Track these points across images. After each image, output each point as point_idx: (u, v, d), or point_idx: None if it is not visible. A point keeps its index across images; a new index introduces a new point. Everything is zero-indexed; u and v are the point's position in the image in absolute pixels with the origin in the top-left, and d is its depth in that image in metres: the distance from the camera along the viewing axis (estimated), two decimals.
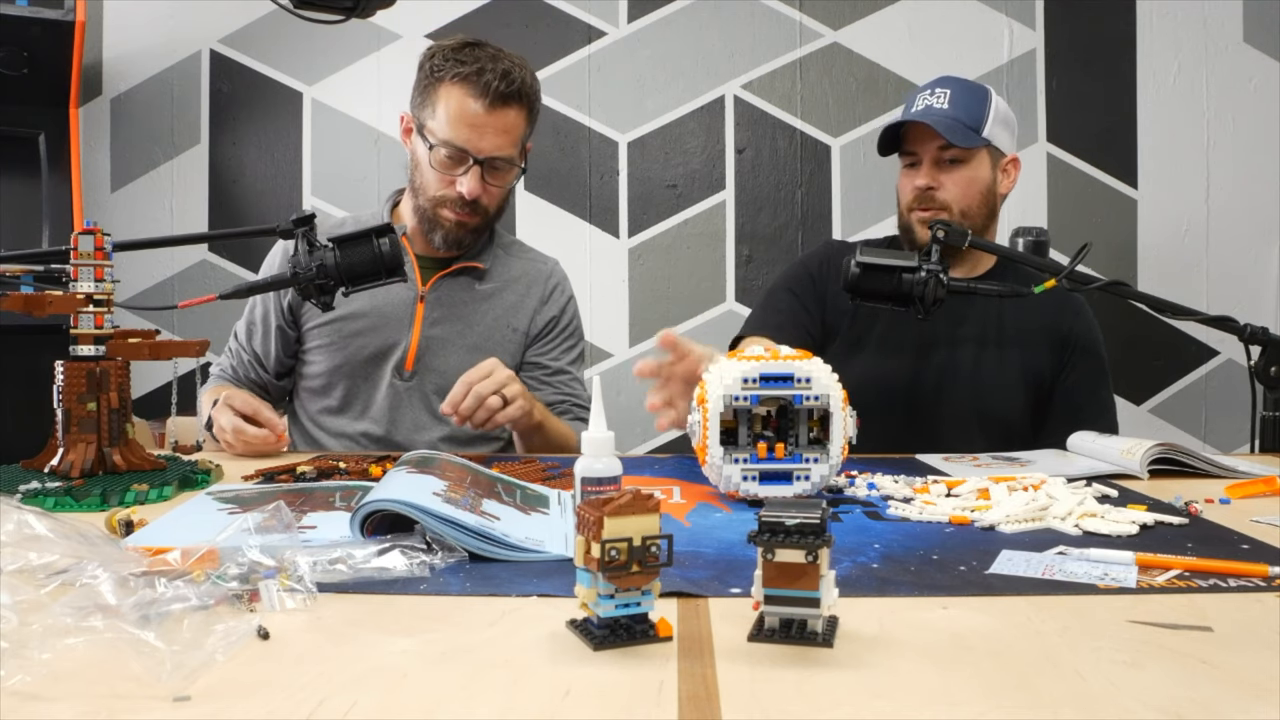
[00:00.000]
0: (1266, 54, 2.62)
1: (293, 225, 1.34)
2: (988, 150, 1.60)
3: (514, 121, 1.56)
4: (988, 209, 1.62)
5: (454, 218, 1.58)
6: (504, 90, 1.52)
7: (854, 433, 1.06)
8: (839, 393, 1.03)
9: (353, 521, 0.82)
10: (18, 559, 0.68)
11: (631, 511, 0.58)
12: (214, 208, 2.73)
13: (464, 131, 1.52)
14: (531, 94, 1.59)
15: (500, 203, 1.63)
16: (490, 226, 1.67)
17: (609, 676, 0.56)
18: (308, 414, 1.66)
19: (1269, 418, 1.49)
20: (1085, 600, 0.70)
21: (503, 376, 1.43)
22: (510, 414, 1.42)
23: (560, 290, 1.74)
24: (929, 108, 1.58)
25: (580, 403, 1.68)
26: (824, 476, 1.04)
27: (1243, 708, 0.52)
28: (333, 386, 1.62)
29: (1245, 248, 2.64)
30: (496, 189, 1.59)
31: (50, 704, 0.51)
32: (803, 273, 1.73)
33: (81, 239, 1.13)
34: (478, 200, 1.56)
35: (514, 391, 1.43)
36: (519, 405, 1.44)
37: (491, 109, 1.52)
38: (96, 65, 2.69)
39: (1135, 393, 2.65)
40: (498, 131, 1.53)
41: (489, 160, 1.54)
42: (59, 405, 1.11)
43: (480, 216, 1.60)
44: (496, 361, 1.45)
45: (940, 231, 1.45)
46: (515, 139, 1.57)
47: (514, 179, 1.63)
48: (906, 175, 1.63)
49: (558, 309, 1.72)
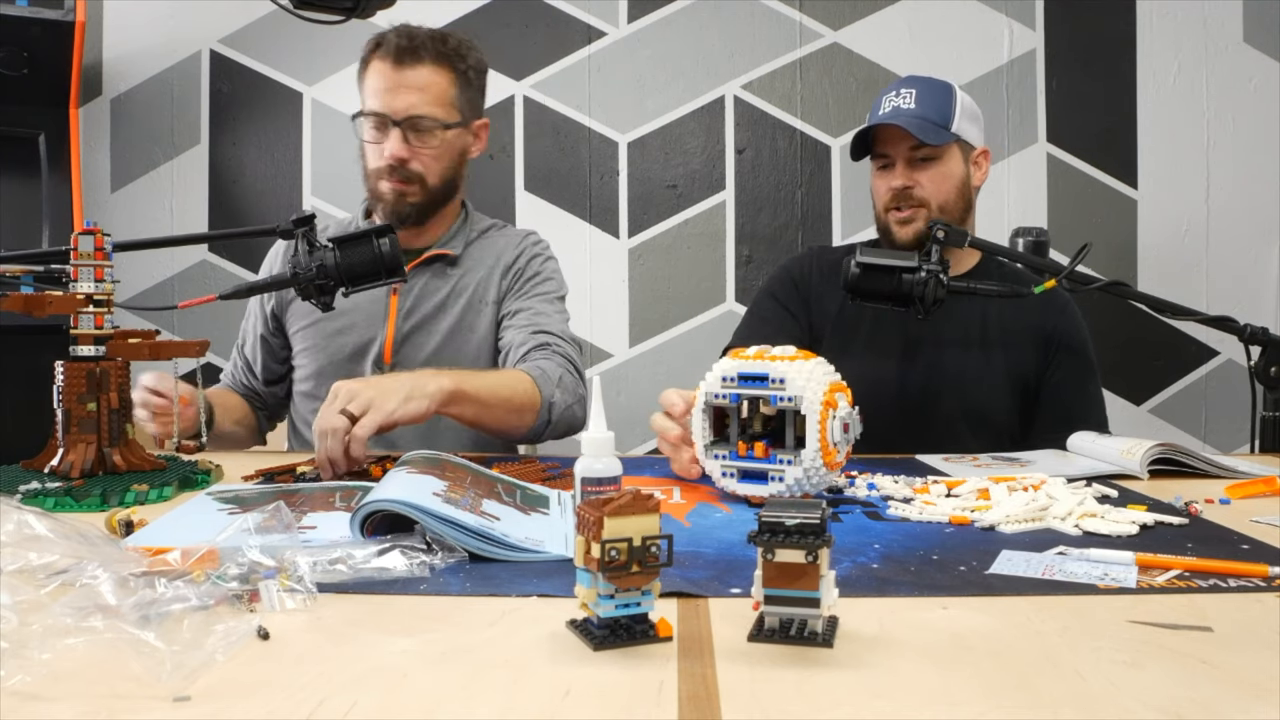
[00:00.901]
0: (1266, 54, 2.62)
1: (293, 225, 1.34)
2: (958, 145, 1.61)
3: (428, 79, 1.54)
4: (964, 203, 1.63)
5: (390, 187, 1.56)
6: (405, 45, 1.52)
7: (857, 434, 1.06)
8: (817, 395, 1.00)
9: (353, 522, 0.82)
10: (18, 559, 0.68)
11: (631, 511, 0.58)
12: (214, 208, 2.73)
13: (379, 96, 1.54)
14: (447, 52, 1.56)
15: (444, 171, 1.59)
16: (437, 201, 1.61)
17: (609, 676, 0.56)
18: (301, 417, 1.66)
19: (1269, 418, 1.49)
20: (1085, 600, 0.70)
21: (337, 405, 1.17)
22: (367, 426, 1.16)
23: (526, 251, 1.67)
24: (896, 109, 1.58)
25: (549, 330, 1.56)
26: (798, 480, 1.01)
27: (1243, 708, 0.52)
28: (320, 387, 1.62)
29: (1245, 248, 2.64)
30: (427, 152, 1.56)
31: (50, 704, 0.51)
32: (786, 278, 1.74)
33: (81, 239, 1.13)
34: (408, 165, 1.54)
35: (362, 404, 1.17)
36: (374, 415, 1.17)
37: (398, 66, 1.52)
38: (96, 65, 2.69)
39: (1135, 393, 2.65)
40: (410, 89, 1.53)
41: (409, 120, 1.53)
42: (59, 405, 1.11)
43: (417, 185, 1.57)
44: (336, 387, 1.21)
45: (940, 231, 1.45)
46: (434, 96, 1.54)
47: (456, 144, 1.59)
48: (881, 177, 1.64)
49: (520, 261, 1.66)
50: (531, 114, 2.69)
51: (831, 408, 1.02)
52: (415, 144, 1.54)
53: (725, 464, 1.05)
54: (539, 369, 1.46)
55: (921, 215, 1.59)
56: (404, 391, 1.22)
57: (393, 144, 1.53)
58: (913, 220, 1.60)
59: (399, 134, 1.53)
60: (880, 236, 1.68)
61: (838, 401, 1.03)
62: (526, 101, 2.69)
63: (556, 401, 1.44)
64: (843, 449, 1.04)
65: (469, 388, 1.31)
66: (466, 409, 1.33)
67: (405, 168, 1.55)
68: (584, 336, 2.69)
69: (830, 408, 1.01)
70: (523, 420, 1.41)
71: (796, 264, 1.75)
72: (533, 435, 1.46)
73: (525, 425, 1.42)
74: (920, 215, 1.59)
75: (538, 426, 1.44)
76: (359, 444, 1.16)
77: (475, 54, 1.60)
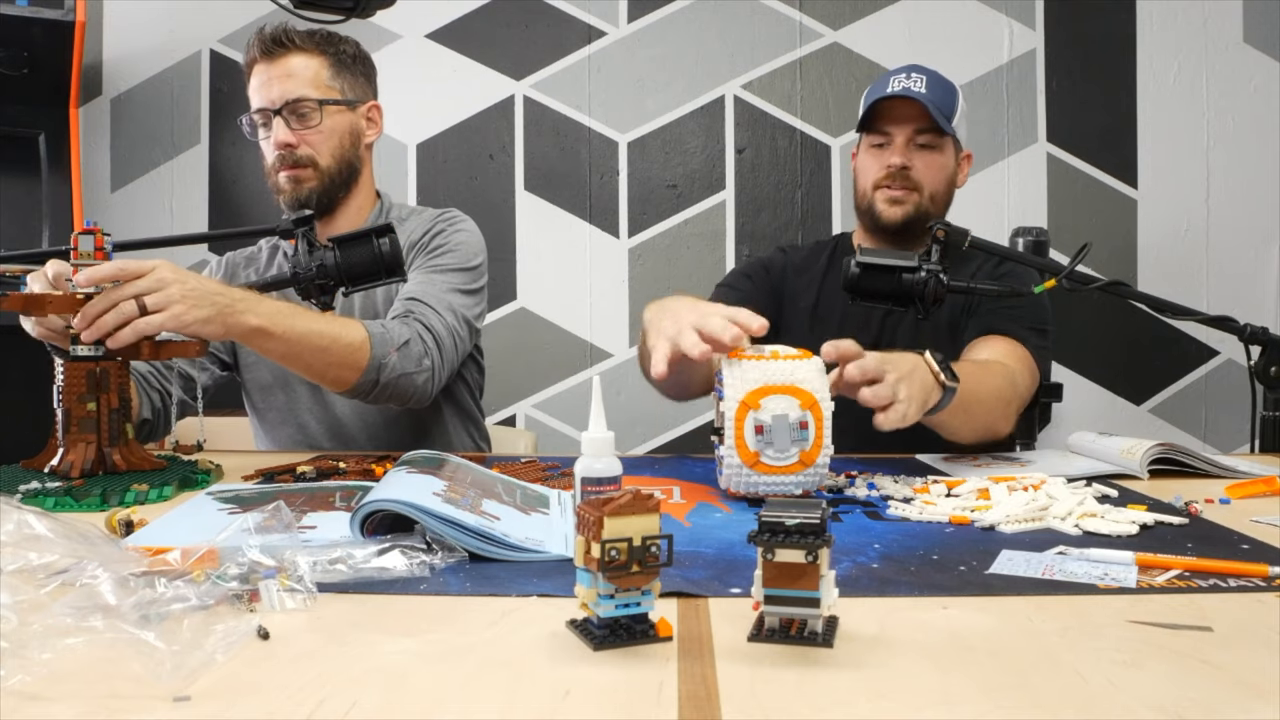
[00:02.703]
0: (1266, 54, 2.62)
1: (293, 225, 1.34)
2: (953, 142, 1.61)
3: (299, 65, 1.55)
4: (949, 198, 1.64)
5: (286, 176, 1.56)
6: (273, 36, 1.54)
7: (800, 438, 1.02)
8: (736, 394, 1.01)
9: (353, 521, 0.82)
10: (18, 559, 0.68)
11: (631, 511, 0.58)
12: (214, 208, 2.73)
13: (258, 93, 1.56)
14: (316, 39, 1.57)
15: (335, 152, 1.57)
16: (338, 183, 1.59)
17: (609, 676, 0.56)
18: (259, 413, 1.66)
19: (1269, 418, 1.49)
20: (1085, 600, 0.70)
21: (148, 281, 1.13)
22: (153, 325, 1.11)
23: (434, 228, 1.62)
24: (908, 90, 1.58)
25: (420, 298, 1.49)
26: (727, 476, 1.03)
27: (1243, 708, 0.52)
28: (273, 380, 1.62)
29: (1245, 248, 2.64)
30: (313, 134, 1.55)
31: (50, 704, 0.51)
32: (758, 265, 1.74)
33: (81, 239, 1.13)
34: (295, 150, 1.54)
35: (161, 300, 1.13)
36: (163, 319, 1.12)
37: (268, 59, 1.54)
38: (96, 65, 2.69)
39: (1135, 393, 2.65)
40: (282, 77, 1.54)
41: (288, 106, 1.53)
42: (59, 405, 1.11)
43: (311, 168, 1.56)
44: (161, 264, 1.16)
45: (940, 231, 1.45)
46: (309, 80, 1.55)
47: (340, 125, 1.58)
48: (874, 154, 1.62)
49: (426, 238, 1.60)
50: (531, 114, 2.70)
51: (751, 408, 1.01)
52: (298, 128, 1.55)
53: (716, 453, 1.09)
54: (382, 327, 1.40)
55: (912, 200, 1.58)
56: (209, 310, 1.17)
57: (278, 131, 1.54)
58: (903, 202, 1.58)
59: (280, 121, 1.54)
60: (861, 217, 1.67)
61: (760, 404, 1.01)
62: (526, 101, 2.69)
63: (390, 364, 1.38)
64: (780, 450, 1.02)
65: (278, 328, 1.26)
66: (273, 346, 1.28)
67: (293, 152, 1.55)
68: (584, 336, 2.69)
69: (749, 408, 1.01)
70: (340, 374, 1.36)
71: (769, 258, 1.76)
72: (357, 392, 1.40)
73: (345, 380, 1.37)
74: (911, 199, 1.58)
75: (362, 384, 1.37)
76: (131, 333, 1.11)
77: (350, 42, 1.62)
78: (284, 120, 1.53)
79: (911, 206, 1.58)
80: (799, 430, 1.01)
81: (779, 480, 1.03)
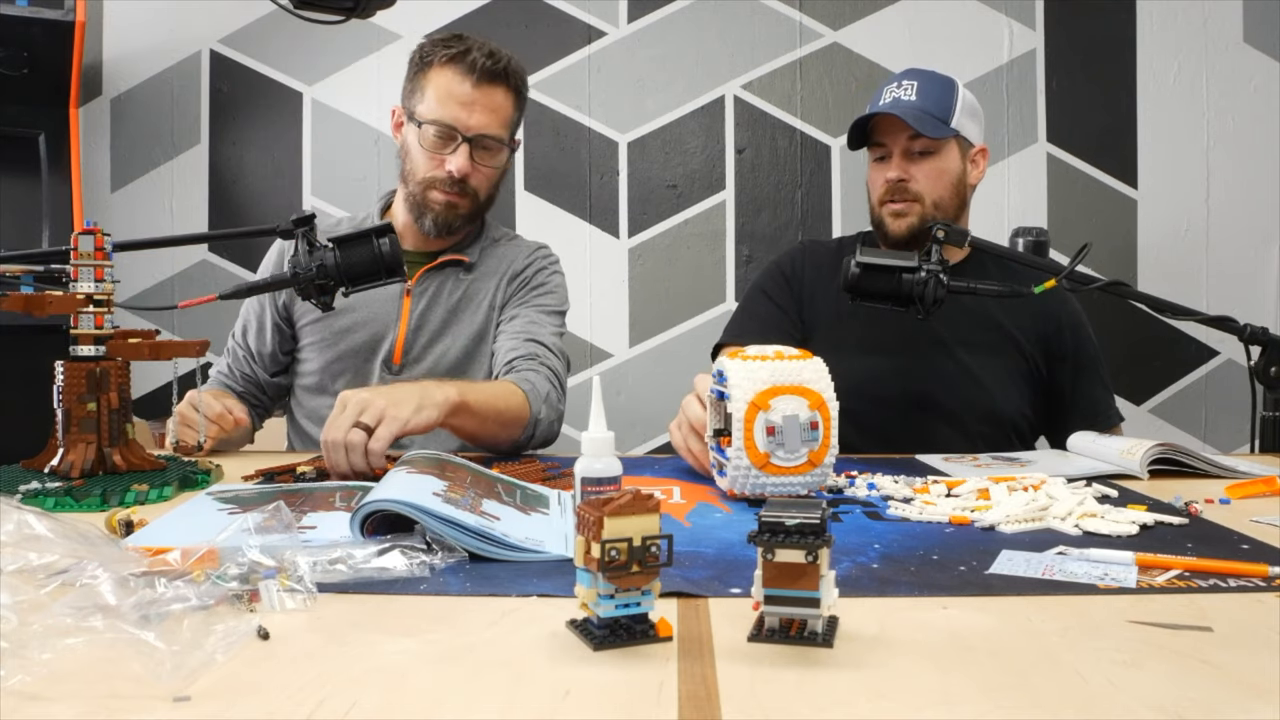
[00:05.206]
0: (1266, 54, 2.62)
1: (293, 225, 1.34)
2: (956, 141, 1.61)
3: (501, 101, 1.58)
4: (959, 200, 1.63)
5: (443, 198, 1.58)
6: (490, 68, 1.55)
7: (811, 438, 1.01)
8: (746, 395, 1.00)
9: (353, 521, 0.82)
10: (18, 559, 0.68)
11: (631, 511, 0.58)
12: (214, 208, 2.73)
13: (452, 109, 1.55)
14: (518, 78, 1.60)
15: (490, 188, 1.63)
16: (480, 214, 1.67)
17: (609, 676, 0.56)
18: (305, 412, 1.66)
19: (1269, 418, 1.49)
20: (1085, 600, 0.70)
21: (349, 417, 1.18)
22: (384, 438, 1.17)
23: (535, 262, 1.69)
24: (896, 100, 1.58)
25: (540, 340, 1.57)
26: (733, 478, 1.03)
27: (1243, 708, 0.52)
28: (327, 384, 1.63)
29: (1245, 248, 2.64)
30: (485, 170, 1.59)
31: (50, 704, 0.51)
32: (777, 273, 1.74)
33: (81, 239, 1.13)
34: (466, 181, 1.57)
35: (375, 414, 1.18)
36: (389, 426, 1.18)
37: (479, 85, 1.55)
38: (96, 65, 2.69)
39: (1135, 393, 2.65)
40: (485, 109, 1.56)
41: (477, 138, 1.56)
42: (59, 405, 1.11)
43: (469, 199, 1.60)
44: (344, 397, 1.22)
45: (940, 231, 1.45)
46: (503, 119, 1.59)
47: (504, 163, 1.63)
48: (876, 169, 1.64)
49: (528, 271, 1.68)
50: (531, 114, 2.68)
51: (761, 409, 1.00)
52: (478, 161, 1.58)
53: (714, 455, 1.10)
54: (529, 383, 1.47)
55: (915, 210, 1.59)
56: (414, 401, 1.24)
57: (459, 159, 1.56)
58: (906, 215, 1.60)
59: (466, 150, 1.56)
60: (874, 230, 1.68)
61: (770, 404, 1.00)
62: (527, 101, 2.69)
63: (542, 418, 1.48)
64: (791, 451, 1.01)
65: (471, 400, 1.33)
66: (467, 421, 1.35)
67: (465, 183, 1.58)
68: (584, 336, 2.69)
69: (759, 409, 1.00)
70: (510, 434, 1.44)
71: (788, 259, 1.75)
72: (514, 448, 1.48)
73: (511, 439, 1.45)
74: (914, 210, 1.59)
75: (520, 440, 1.47)
76: (377, 456, 1.17)
77: (526, 76, 1.65)
78: (470, 150, 1.56)
79: (915, 218, 1.59)
80: (809, 430, 1.01)
81: (786, 481, 1.02)
